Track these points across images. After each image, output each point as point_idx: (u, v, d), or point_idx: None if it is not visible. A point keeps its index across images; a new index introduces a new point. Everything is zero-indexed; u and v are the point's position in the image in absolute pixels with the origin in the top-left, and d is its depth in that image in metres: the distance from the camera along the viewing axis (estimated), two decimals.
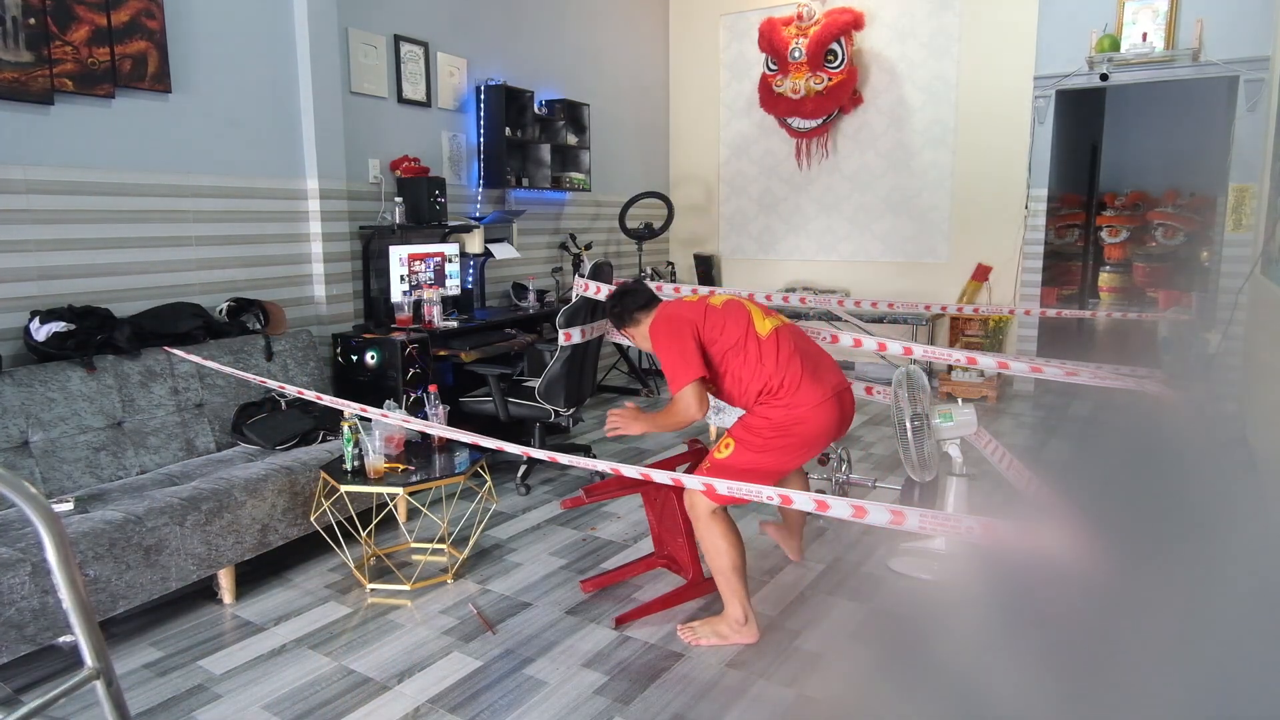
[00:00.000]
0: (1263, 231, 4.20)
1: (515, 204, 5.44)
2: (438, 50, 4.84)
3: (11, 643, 2.22)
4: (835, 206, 6.60)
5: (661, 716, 2.19)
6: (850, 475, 3.61)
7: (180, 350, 3.23)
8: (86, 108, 3.17)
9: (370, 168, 4.43)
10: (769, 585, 2.95)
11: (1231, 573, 1.39)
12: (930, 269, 6.27)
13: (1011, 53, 5.70)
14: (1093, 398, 5.38)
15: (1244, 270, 4.64)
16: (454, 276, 4.52)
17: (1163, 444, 2.24)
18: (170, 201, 3.47)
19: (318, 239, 4.06)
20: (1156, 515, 1.64)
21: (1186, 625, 1.27)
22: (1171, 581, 1.41)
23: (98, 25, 3.14)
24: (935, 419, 2.91)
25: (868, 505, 2.12)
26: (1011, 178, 5.82)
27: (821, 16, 6.15)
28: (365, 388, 3.92)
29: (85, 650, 1.22)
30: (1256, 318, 4.16)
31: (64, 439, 2.85)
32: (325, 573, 3.09)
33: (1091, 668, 1.28)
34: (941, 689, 1.28)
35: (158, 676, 2.40)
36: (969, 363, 4.09)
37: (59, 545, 1.20)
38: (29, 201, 3.02)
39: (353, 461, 2.96)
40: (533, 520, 3.62)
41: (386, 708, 2.24)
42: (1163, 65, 5.14)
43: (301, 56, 3.93)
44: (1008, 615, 1.52)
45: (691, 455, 3.06)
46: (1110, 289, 8.03)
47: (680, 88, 7.16)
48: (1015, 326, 5.97)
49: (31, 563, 2.26)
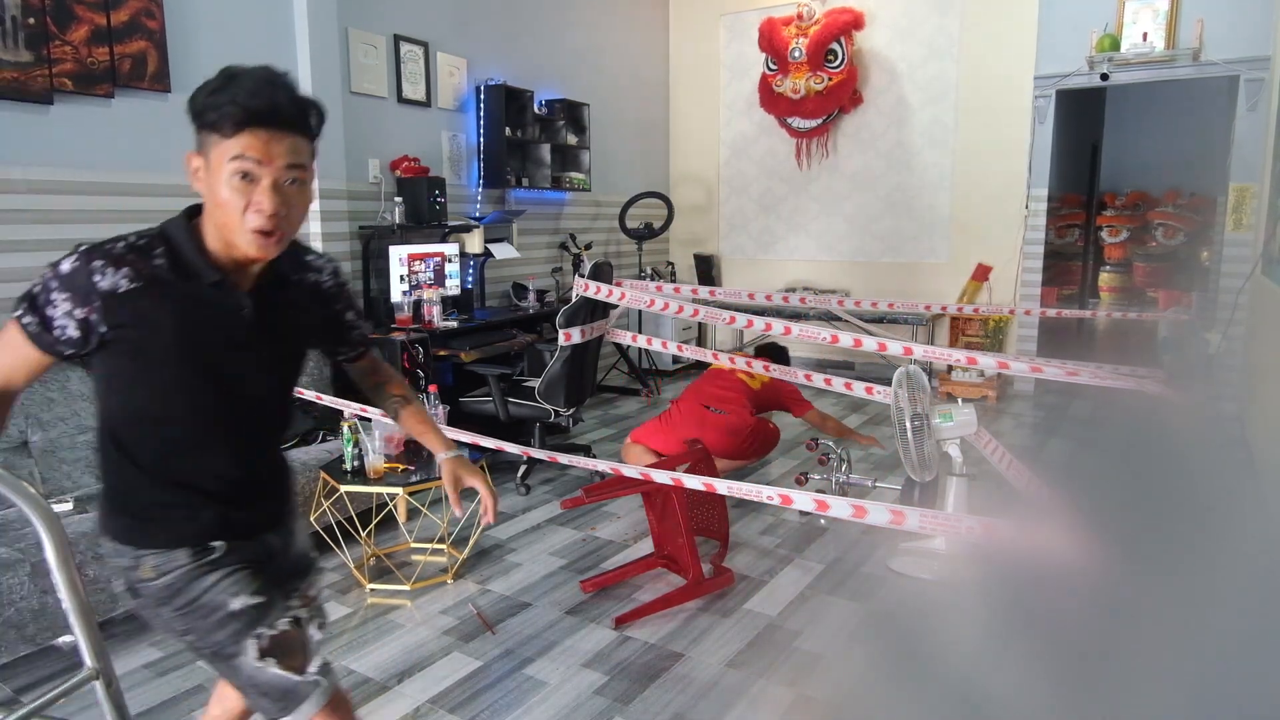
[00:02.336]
0: (1263, 231, 4.20)
1: (515, 204, 5.44)
2: (438, 50, 4.84)
3: (11, 643, 2.22)
4: (835, 206, 6.60)
5: (661, 716, 2.19)
6: (850, 475, 3.61)
7: None
8: (86, 107, 3.17)
9: (370, 168, 4.43)
10: (769, 585, 2.95)
11: (1231, 573, 1.39)
12: (930, 269, 6.27)
13: (1012, 52, 5.70)
14: (1093, 398, 5.37)
15: (1244, 270, 4.64)
16: (454, 276, 4.52)
17: (1162, 444, 2.24)
18: (170, 201, 3.44)
19: (317, 239, 4.06)
20: (1156, 515, 1.64)
21: (1186, 626, 1.27)
22: (1171, 582, 1.41)
23: (97, 25, 3.14)
24: (935, 419, 2.91)
25: (868, 505, 2.12)
26: (1012, 177, 5.81)
27: (821, 16, 6.15)
28: None
29: (85, 650, 1.22)
30: (1257, 318, 4.16)
31: (63, 439, 2.85)
32: (325, 573, 3.09)
33: (1091, 668, 1.28)
34: (941, 689, 1.28)
35: (157, 677, 2.40)
36: (969, 363, 4.09)
37: (59, 545, 1.20)
38: (28, 201, 3.02)
39: (352, 461, 2.96)
40: (533, 520, 3.62)
41: (386, 708, 2.24)
42: (1163, 65, 5.14)
43: (301, 56, 3.93)
44: (1008, 615, 1.51)
45: (692, 455, 3.06)
46: (1110, 289, 8.02)
47: (680, 88, 7.16)
48: (1015, 326, 5.97)
49: (31, 563, 2.26)
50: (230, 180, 1.17)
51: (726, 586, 2.91)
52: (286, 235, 1.24)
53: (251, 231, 1.19)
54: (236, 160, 1.16)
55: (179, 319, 1.22)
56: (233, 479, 1.34)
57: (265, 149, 1.16)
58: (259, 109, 1.15)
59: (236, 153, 1.16)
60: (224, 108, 1.15)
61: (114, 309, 1.18)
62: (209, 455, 1.31)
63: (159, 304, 1.20)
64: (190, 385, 1.26)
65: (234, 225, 1.19)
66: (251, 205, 1.18)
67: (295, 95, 1.20)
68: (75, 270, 1.17)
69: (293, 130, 1.19)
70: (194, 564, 1.29)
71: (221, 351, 1.27)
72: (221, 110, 1.15)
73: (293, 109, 1.19)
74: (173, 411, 1.28)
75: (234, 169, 1.16)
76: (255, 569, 1.34)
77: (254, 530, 1.38)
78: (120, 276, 1.18)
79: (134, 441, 1.30)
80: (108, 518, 1.34)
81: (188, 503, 1.31)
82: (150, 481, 1.30)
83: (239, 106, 1.14)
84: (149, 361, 1.23)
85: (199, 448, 1.30)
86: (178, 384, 1.26)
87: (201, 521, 1.31)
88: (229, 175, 1.17)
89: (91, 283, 1.17)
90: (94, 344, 1.21)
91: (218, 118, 1.15)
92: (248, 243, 1.20)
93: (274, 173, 1.18)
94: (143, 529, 1.31)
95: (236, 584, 1.30)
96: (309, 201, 1.27)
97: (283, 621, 1.32)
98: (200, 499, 1.31)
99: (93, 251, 1.19)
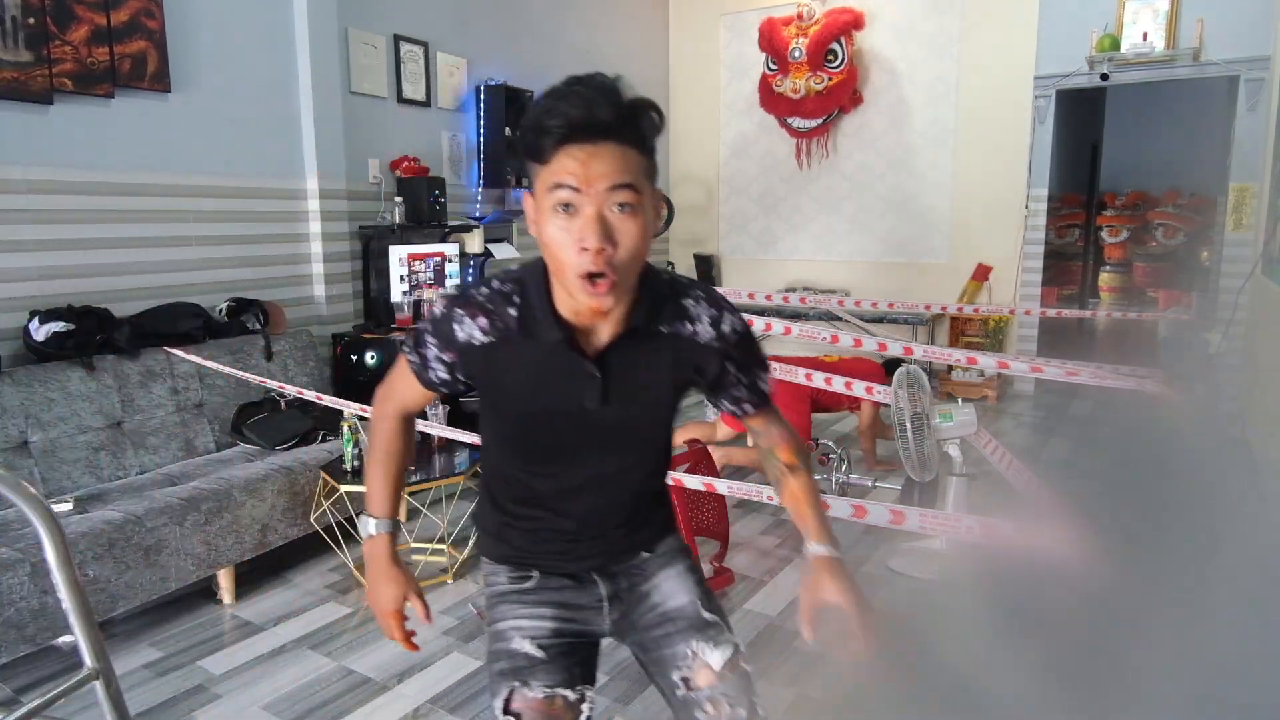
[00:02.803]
0: (1263, 231, 4.20)
1: (515, 204, 5.44)
2: (437, 50, 4.84)
3: (11, 643, 2.22)
4: (835, 206, 6.60)
5: (662, 717, 2.19)
6: (850, 475, 3.61)
7: (180, 350, 3.23)
8: (86, 107, 3.17)
9: (370, 168, 4.43)
10: (769, 585, 2.95)
11: (1233, 571, 1.39)
12: (930, 269, 6.27)
13: (1012, 52, 5.69)
14: (1093, 397, 5.37)
15: (1244, 270, 4.64)
16: (454, 276, 4.52)
17: (1163, 443, 2.24)
18: (170, 201, 3.47)
19: (317, 239, 4.06)
20: (1156, 514, 1.64)
21: (1188, 624, 1.27)
22: (1172, 580, 1.41)
23: (97, 25, 3.14)
24: (935, 419, 2.91)
25: (868, 505, 2.12)
26: (1012, 177, 5.81)
27: (821, 16, 6.14)
28: (365, 388, 3.92)
29: (84, 651, 1.22)
30: (1258, 318, 4.16)
31: (63, 439, 2.85)
32: (325, 573, 3.09)
33: (1091, 666, 1.28)
34: (940, 688, 1.28)
35: (157, 677, 2.40)
36: (969, 363, 4.09)
37: (58, 546, 1.20)
38: (28, 201, 3.02)
39: (353, 461, 2.96)
40: None
41: (386, 708, 2.23)
42: (1163, 65, 5.14)
43: (301, 56, 3.93)
44: (1007, 614, 1.51)
45: (692, 455, 3.06)
46: (1110, 289, 8.02)
47: (680, 88, 7.16)
48: (1015, 326, 5.97)
49: (31, 563, 2.26)
50: (553, 217, 1.00)
51: (726, 586, 2.91)
52: (622, 280, 1.03)
53: (579, 278, 1.01)
54: (555, 191, 0.99)
55: (520, 379, 1.13)
56: (573, 517, 1.24)
57: (583, 169, 0.98)
58: (573, 119, 0.97)
59: (553, 180, 0.99)
60: (537, 126, 0.99)
61: (469, 361, 1.14)
62: (550, 500, 1.23)
63: (505, 361, 1.13)
64: (528, 443, 1.20)
65: (565, 271, 1.02)
66: (575, 243, 1.00)
67: (617, 98, 1.00)
68: (443, 316, 1.14)
69: (616, 140, 0.99)
70: (507, 587, 1.27)
71: (563, 415, 1.15)
72: (535, 130, 0.99)
73: (613, 114, 0.99)
74: (514, 458, 1.23)
75: (554, 201, 0.99)
76: (561, 617, 1.24)
77: (586, 566, 1.27)
78: (476, 328, 1.12)
79: (486, 462, 1.30)
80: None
81: (519, 525, 1.26)
82: (496, 497, 1.28)
83: (553, 119, 0.98)
84: (496, 413, 1.21)
85: (540, 492, 1.23)
86: (517, 439, 1.21)
87: (523, 545, 1.26)
88: (550, 210, 1.00)
89: (452, 331, 1.13)
90: (460, 388, 1.20)
91: (533, 139, 1.00)
92: (578, 291, 1.02)
93: (595, 199, 0.98)
94: (484, 537, 1.32)
95: (528, 625, 1.22)
96: (647, 234, 1.03)
97: (542, 688, 1.17)
98: (529, 525, 1.25)
99: (458, 298, 1.14)
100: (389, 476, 1.30)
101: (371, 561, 1.29)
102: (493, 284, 1.14)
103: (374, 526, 1.28)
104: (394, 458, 1.31)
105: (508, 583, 1.27)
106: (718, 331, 1.16)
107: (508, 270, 1.16)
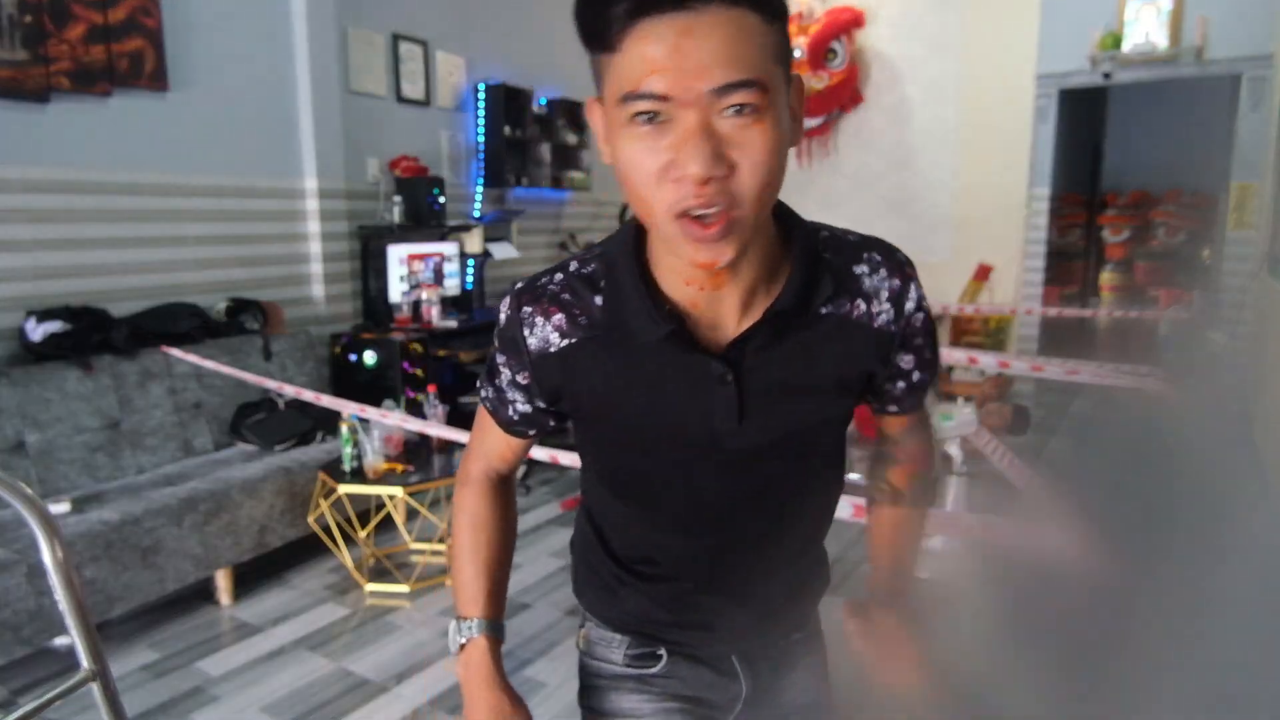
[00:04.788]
0: (1268, 231, 4.18)
1: (515, 203, 5.43)
2: (437, 49, 4.83)
3: (7, 645, 2.21)
4: (835, 206, 6.58)
5: None
6: (849, 475, 3.60)
7: (178, 350, 3.22)
8: (83, 106, 3.15)
9: (369, 167, 4.42)
10: None
11: (1238, 569, 1.38)
12: (931, 269, 6.25)
13: (1013, 51, 5.68)
14: (1094, 397, 5.36)
15: (1246, 268, 4.63)
16: (453, 276, 4.51)
17: (1166, 442, 2.23)
18: (167, 201, 3.46)
19: (316, 238, 4.04)
20: (1159, 513, 1.63)
21: (1190, 623, 1.26)
22: (1175, 579, 1.39)
23: (94, 23, 3.12)
24: (935, 419, 2.90)
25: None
26: (1013, 177, 5.80)
27: (822, 15, 6.13)
28: (364, 388, 3.91)
29: (81, 652, 1.21)
30: (1262, 318, 4.14)
31: (60, 439, 2.84)
32: (324, 574, 3.08)
33: (1093, 665, 1.27)
34: (940, 687, 1.27)
35: (155, 678, 2.39)
36: (969, 362, 4.08)
37: (55, 547, 1.19)
38: (25, 200, 3.00)
39: (351, 462, 2.95)
40: (532, 521, 3.60)
41: (385, 709, 2.22)
42: (1165, 64, 5.13)
43: (300, 55, 3.92)
44: (1007, 613, 1.50)
45: None
46: (1112, 288, 8.00)
47: None
48: (1016, 326, 5.96)
49: (27, 564, 2.25)
50: (631, 131, 0.67)
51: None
52: (747, 219, 0.67)
53: (675, 219, 0.67)
54: (629, 102, 0.66)
55: (612, 395, 0.81)
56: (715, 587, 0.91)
57: (673, 56, 0.63)
58: None
59: (627, 82, 0.66)
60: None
61: (546, 374, 0.82)
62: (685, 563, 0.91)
63: (588, 371, 0.81)
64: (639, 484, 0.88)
65: (654, 214, 0.68)
66: (669, 170, 0.66)
67: None
68: (508, 321, 0.84)
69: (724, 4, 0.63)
70: (623, 670, 0.96)
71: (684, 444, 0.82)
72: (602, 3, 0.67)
73: None
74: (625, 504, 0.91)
75: (630, 110, 0.66)
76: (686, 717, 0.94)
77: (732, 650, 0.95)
78: (551, 329, 0.81)
79: (589, 493, 0.98)
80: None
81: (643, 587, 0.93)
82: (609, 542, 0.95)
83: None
84: (589, 430, 0.89)
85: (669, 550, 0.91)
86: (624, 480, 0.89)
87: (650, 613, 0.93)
88: (626, 121, 0.67)
89: (523, 339, 0.82)
90: (550, 424, 0.89)
91: (593, 12, 0.70)
92: (679, 241, 0.68)
93: (696, 99, 0.64)
94: (589, 589, 0.99)
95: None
96: (782, 147, 0.68)
97: None
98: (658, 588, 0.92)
99: (523, 291, 0.83)
100: (480, 561, 0.96)
101: (469, 681, 0.92)
102: (569, 266, 0.83)
103: (467, 629, 0.94)
104: (483, 533, 0.96)
105: (625, 663, 0.96)
106: (899, 311, 0.81)
107: (591, 245, 0.84)
